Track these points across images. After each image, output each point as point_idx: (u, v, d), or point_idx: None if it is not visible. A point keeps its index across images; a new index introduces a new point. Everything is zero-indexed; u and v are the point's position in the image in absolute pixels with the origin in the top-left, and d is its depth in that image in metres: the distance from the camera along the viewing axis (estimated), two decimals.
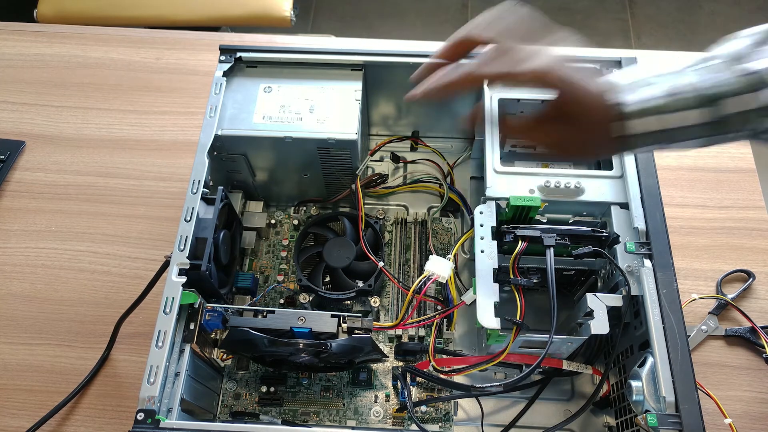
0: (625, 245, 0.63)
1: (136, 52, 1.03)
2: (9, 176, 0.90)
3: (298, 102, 0.74)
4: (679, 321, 0.58)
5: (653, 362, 0.57)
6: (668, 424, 0.54)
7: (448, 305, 0.72)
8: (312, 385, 0.74)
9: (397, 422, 0.72)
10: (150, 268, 0.79)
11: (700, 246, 0.83)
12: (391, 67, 0.77)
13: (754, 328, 0.76)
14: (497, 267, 0.62)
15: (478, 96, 0.79)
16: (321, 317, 0.63)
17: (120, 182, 0.90)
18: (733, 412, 0.71)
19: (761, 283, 0.80)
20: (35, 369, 0.76)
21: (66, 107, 0.97)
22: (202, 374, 0.67)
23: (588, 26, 2.13)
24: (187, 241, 0.63)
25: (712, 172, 0.89)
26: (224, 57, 0.76)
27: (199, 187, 0.67)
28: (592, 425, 0.71)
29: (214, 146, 0.71)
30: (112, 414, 0.73)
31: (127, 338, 0.77)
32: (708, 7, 2.14)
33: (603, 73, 0.58)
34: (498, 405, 0.72)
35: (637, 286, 0.61)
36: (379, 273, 0.73)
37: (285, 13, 1.44)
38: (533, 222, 0.66)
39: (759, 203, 0.86)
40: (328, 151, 0.74)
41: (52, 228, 0.86)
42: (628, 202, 0.66)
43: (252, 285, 0.77)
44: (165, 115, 0.96)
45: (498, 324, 0.59)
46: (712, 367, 0.75)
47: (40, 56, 1.03)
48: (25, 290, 0.81)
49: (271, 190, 0.84)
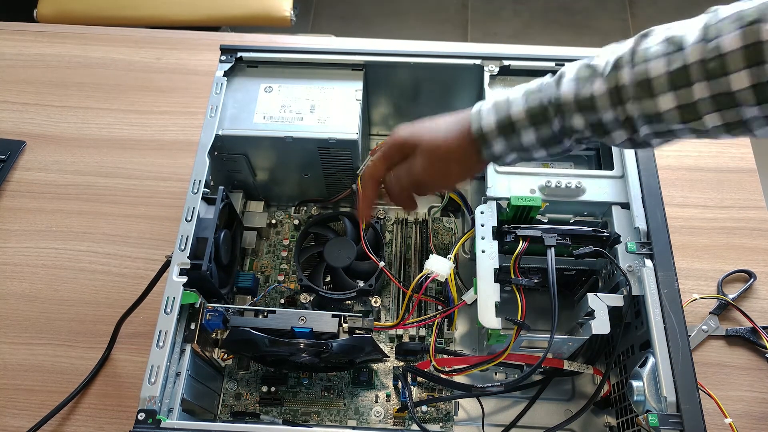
0: (626, 245, 0.63)
1: (136, 52, 1.03)
2: (9, 176, 0.90)
3: (299, 102, 0.74)
4: (680, 321, 0.58)
5: (654, 362, 0.57)
6: (669, 424, 0.54)
7: (448, 305, 0.72)
8: (313, 385, 0.74)
9: (398, 422, 0.72)
10: (150, 268, 0.79)
11: (700, 246, 0.83)
12: (392, 66, 0.77)
13: (755, 328, 0.76)
14: (498, 267, 0.62)
15: (477, 96, 0.79)
16: (322, 317, 0.63)
17: (120, 182, 0.90)
18: (734, 412, 0.71)
19: (762, 283, 0.80)
20: (36, 369, 0.76)
21: (66, 107, 0.97)
22: (202, 374, 0.67)
23: (588, 26, 2.13)
24: (187, 241, 0.63)
25: (712, 172, 0.89)
26: (225, 57, 0.76)
27: (199, 187, 0.67)
28: (593, 425, 0.70)
29: (215, 146, 0.71)
30: (112, 414, 0.73)
31: (128, 338, 0.77)
32: (708, 7, 2.13)
33: None
34: (499, 405, 0.72)
35: (638, 286, 0.61)
36: (380, 273, 0.73)
37: (285, 13, 1.44)
38: (534, 222, 0.66)
39: (760, 203, 0.86)
40: (328, 150, 0.74)
41: (53, 228, 0.86)
42: (629, 202, 0.66)
43: (253, 285, 0.77)
44: (165, 115, 0.96)
45: (499, 324, 0.59)
46: (712, 367, 0.75)
47: (40, 56, 1.03)
48: (25, 290, 0.81)
49: (272, 190, 0.84)
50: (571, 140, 0.53)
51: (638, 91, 0.47)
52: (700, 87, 0.44)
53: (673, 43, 0.45)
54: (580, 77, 0.50)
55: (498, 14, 2.17)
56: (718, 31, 0.43)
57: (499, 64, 0.75)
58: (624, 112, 0.48)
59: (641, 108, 0.47)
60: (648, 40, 0.47)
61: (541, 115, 0.52)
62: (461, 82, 0.78)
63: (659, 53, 0.46)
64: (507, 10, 2.17)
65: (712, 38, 0.43)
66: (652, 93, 0.46)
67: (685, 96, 0.45)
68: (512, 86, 0.55)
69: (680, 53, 0.45)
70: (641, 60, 0.46)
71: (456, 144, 0.56)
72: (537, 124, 0.52)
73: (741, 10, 0.42)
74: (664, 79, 0.45)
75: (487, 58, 0.75)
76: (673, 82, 0.45)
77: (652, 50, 0.46)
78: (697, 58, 0.44)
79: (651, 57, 0.46)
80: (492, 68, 0.75)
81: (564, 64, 0.72)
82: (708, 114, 0.45)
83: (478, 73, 0.76)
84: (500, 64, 0.75)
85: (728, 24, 0.43)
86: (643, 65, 0.46)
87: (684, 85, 0.45)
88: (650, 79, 0.46)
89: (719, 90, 0.43)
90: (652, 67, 0.46)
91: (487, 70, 0.75)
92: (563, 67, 0.53)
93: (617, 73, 0.48)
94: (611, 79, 0.48)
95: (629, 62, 0.47)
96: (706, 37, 0.44)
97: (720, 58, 0.43)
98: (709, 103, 0.44)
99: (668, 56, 0.45)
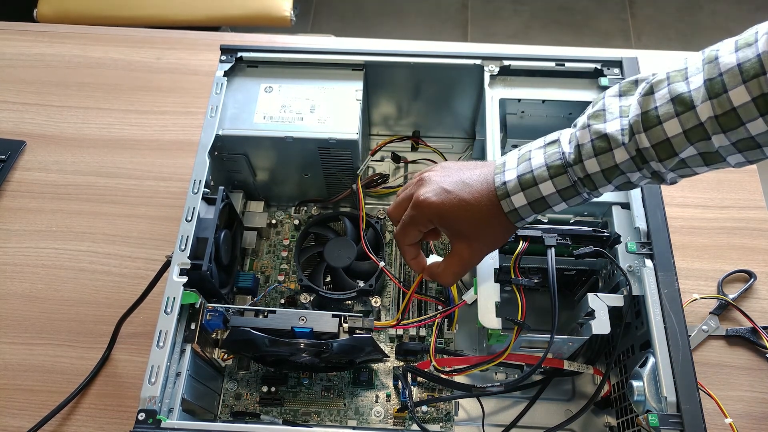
0: (626, 245, 0.63)
1: (137, 52, 1.03)
2: (9, 176, 0.90)
3: (299, 102, 0.74)
4: (680, 321, 0.58)
5: (654, 362, 0.57)
6: (669, 424, 0.54)
7: (449, 305, 0.72)
8: (313, 385, 0.74)
9: (398, 422, 0.72)
10: (150, 268, 0.79)
11: (701, 246, 0.83)
12: (392, 66, 0.77)
13: (755, 328, 0.76)
14: (498, 267, 0.62)
15: (478, 96, 0.79)
16: (322, 317, 0.63)
17: (120, 182, 0.90)
18: (734, 412, 0.71)
19: (762, 283, 0.80)
20: (36, 369, 0.76)
21: (66, 107, 0.97)
22: (203, 374, 0.67)
23: (588, 26, 2.13)
24: (188, 241, 0.63)
25: (712, 172, 0.89)
26: (225, 57, 0.76)
27: (200, 187, 0.67)
28: (593, 425, 0.70)
29: (215, 146, 0.71)
30: (112, 414, 0.73)
31: (128, 338, 0.77)
32: (708, 7, 2.14)
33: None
34: (499, 405, 0.72)
35: (638, 286, 0.61)
36: (380, 273, 0.73)
37: (285, 13, 1.44)
38: (534, 222, 0.66)
39: (760, 203, 0.86)
40: (328, 150, 0.74)
41: (53, 228, 0.86)
42: (629, 202, 0.66)
43: (253, 285, 0.77)
44: (165, 114, 0.96)
45: (499, 324, 0.59)
46: (713, 367, 0.75)
47: (40, 56, 1.03)
48: (25, 290, 0.81)
49: (272, 190, 0.84)
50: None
51: (659, 152, 0.49)
52: (718, 138, 0.46)
53: (681, 104, 0.47)
54: (597, 147, 0.51)
55: (498, 14, 2.17)
56: (723, 86, 0.45)
57: (499, 64, 0.75)
58: (650, 168, 0.51)
59: (665, 164, 0.49)
60: (653, 101, 0.49)
61: (572, 191, 0.53)
62: (461, 82, 0.78)
63: (670, 114, 0.47)
64: (507, 10, 2.17)
65: (719, 94, 0.45)
66: (674, 151, 0.48)
67: (706, 146, 0.47)
68: (512, 86, 0.54)
69: (692, 113, 0.46)
70: (654, 123, 0.48)
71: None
72: (567, 198, 0.54)
73: (741, 63, 0.44)
74: (681, 138, 0.47)
75: (487, 58, 0.75)
76: (689, 139, 0.47)
77: (662, 111, 0.48)
78: (710, 115, 0.45)
79: (663, 119, 0.48)
80: (492, 68, 0.75)
81: (564, 64, 0.73)
82: (731, 155, 0.48)
83: (478, 73, 0.76)
84: (500, 64, 0.75)
85: (732, 77, 0.44)
86: (658, 128, 0.48)
87: (702, 138, 0.47)
88: (669, 139, 0.48)
89: (739, 137, 0.45)
90: (668, 128, 0.48)
91: (487, 70, 0.75)
92: (559, 137, 0.54)
93: (636, 138, 0.49)
94: (631, 148, 0.50)
95: (642, 127, 0.49)
96: (711, 94, 0.45)
97: (733, 112, 0.44)
98: (730, 148, 0.47)
99: (679, 117, 0.47)
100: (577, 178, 0.53)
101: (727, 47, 0.45)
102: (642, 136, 0.49)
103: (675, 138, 0.48)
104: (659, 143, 0.48)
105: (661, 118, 0.48)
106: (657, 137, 0.48)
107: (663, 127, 0.48)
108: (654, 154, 0.49)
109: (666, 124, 0.48)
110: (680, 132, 0.47)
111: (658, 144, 0.48)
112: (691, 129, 0.47)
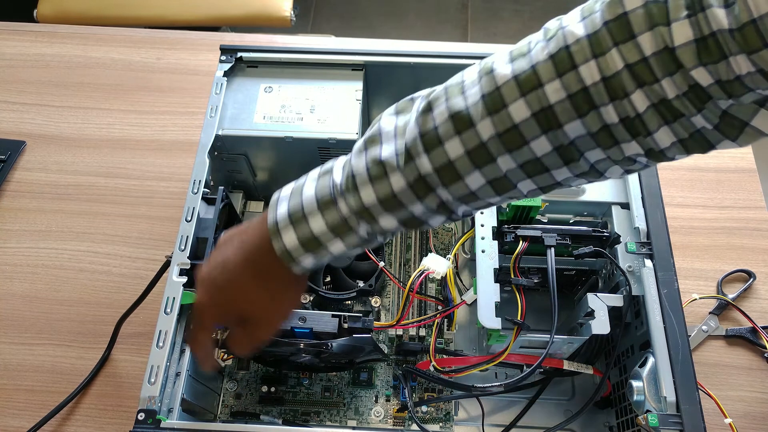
0: (625, 245, 0.63)
1: (136, 52, 1.03)
2: (9, 176, 0.90)
3: (299, 102, 0.74)
4: (680, 321, 0.58)
5: (654, 362, 0.57)
6: (669, 424, 0.54)
7: (448, 305, 0.72)
8: (312, 385, 0.74)
9: (398, 422, 0.72)
10: (150, 268, 0.79)
11: (700, 246, 0.83)
12: (392, 67, 0.77)
13: (755, 328, 0.76)
14: (498, 267, 0.62)
15: None
16: (322, 317, 0.63)
17: (120, 182, 0.90)
18: (734, 412, 0.71)
19: (762, 283, 0.80)
20: (36, 369, 0.76)
21: (66, 107, 0.97)
22: (202, 374, 0.67)
23: None
24: (187, 241, 0.63)
25: (712, 172, 0.89)
26: (225, 57, 0.76)
27: (199, 187, 0.67)
28: (592, 425, 0.70)
29: (215, 146, 0.72)
30: (112, 414, 0.73)
31: (128, 338, 0.77)
32: None
33: None
34: (499, 405, 0.72)
35: (638, 286, 0.61)
36: (380, 273, 0.73)
37: (285, 13, 1.44)
38: (534, 222, 0.66)
39: (760, 203, 0.86)
40: (328, 151, 0.74)
41: (53, 228, 0.86)
42: (629, 202, 0.66)
43: None
44: (165, 115, 0.96)
45: (499, 324, 0.59)
46: (712, 367, 0.75)
47: (40, 56, 1.03)
48: (25, 290, 0.81)
49: (272, 190, 0.82)
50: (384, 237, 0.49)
51: (443, 177, 0.43)
52: (503, 160, 0.42)
53: (461, 122, 0.42)
54: (372, 175, 0.45)
55: (498, 14, 2.17)
56: (502, 99, 0.41)
57: None
58: (435, 199, 0.45)
59: (452, 191, 0.44)
60: (431, 119, 0.43)
61: (345, 227, 0.47)
62: None
63: (450, 134, 0.42)
64: (507, 10, 2.17)
65: (498, 110, 0.41)
66: (458, 174, 0.43)
67: (493, 171, 0.43)
68: None
69: (473, 131, 0.42)
70: (435, 144, 0.43)
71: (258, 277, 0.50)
72: (341, 235, 0.47)
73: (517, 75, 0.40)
74: (465, 160, 0.42)
75: None
76: (474, 162, 0.42)
77: (442, 130, 0.42)
78: (491, 134, 0.41)
79: (444, 138, 0.42)
80: None
81: None
82: (521, 181, 0.43)
83: None
84: None
85: (509, 90, 0.40)
86: (440, 150, 0.42)
87: (487, 162, 0.42)
88: (452, 162, 0.43)
89: (524, 159, 0.42)
90: (449, 149, 0.42)
91: None
92: (332, 165, 0.48)
93: (416, 163, 0.43)
94: (409, 174, 0.44)
95: (422, 149, 0.43)
96: (489, 111, 0.41)
97: (515, 129, 0.41)
98: (518, 172, 0.42)
99: (460, 136, 0.42)
100: (349, 211, 0.46)
101: (502, 58, 0.42)
102: (423, 160, 0.43)
103: (458, 160, 0.42)
104: (442, 167, 0.43)
105: (441, 138, 0.42)
106: (439, 160, 0.42)
107: (445, 149, 0.42)
108: (437, 179, 0.43)
109: (447, 145, 0.42)
110: (463, 153, 0.42)
111: (441, 168, 0.43)
112: (474, 150, 0.42)
